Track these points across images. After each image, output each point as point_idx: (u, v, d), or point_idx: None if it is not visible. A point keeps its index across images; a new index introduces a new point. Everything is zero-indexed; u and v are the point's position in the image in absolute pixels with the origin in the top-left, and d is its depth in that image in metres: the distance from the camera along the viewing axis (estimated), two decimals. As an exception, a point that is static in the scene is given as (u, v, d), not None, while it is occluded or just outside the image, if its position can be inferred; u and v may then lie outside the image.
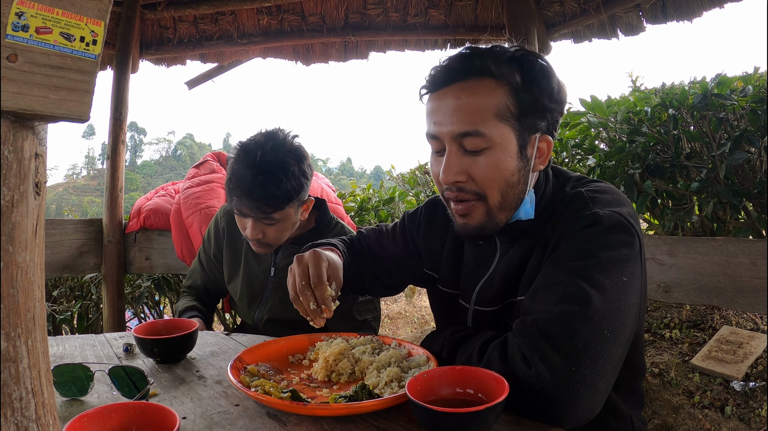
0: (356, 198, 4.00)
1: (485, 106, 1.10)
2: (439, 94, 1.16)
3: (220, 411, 1.07)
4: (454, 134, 1.12)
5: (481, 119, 1.10)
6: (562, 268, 1.06)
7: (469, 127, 1.10)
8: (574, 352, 0.96)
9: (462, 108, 1.11)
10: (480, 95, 1.11)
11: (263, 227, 1.86)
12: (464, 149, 1.13)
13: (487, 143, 1.11)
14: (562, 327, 0.98)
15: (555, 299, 1.02)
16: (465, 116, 1.11)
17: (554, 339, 0.97)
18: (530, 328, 1.01)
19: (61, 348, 1.51)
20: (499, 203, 1.15)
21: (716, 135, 2.54)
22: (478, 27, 3.52)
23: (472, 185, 1.14)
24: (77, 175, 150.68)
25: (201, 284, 2.26)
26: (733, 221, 2.82)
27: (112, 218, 3.35)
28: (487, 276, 1.27)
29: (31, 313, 0.61)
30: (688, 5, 2.90)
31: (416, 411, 0.93)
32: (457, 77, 1.13)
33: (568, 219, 1.12)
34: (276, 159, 1.77)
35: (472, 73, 1.12)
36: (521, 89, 1.12)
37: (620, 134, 2.91)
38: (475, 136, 1.10)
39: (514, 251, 1.22)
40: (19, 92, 0.58)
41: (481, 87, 1.11)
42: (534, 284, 1.10)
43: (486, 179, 1.13)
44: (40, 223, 0.64)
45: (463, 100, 1.11)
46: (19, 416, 0.59)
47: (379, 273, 1.53)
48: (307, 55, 3.85)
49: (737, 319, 3.59)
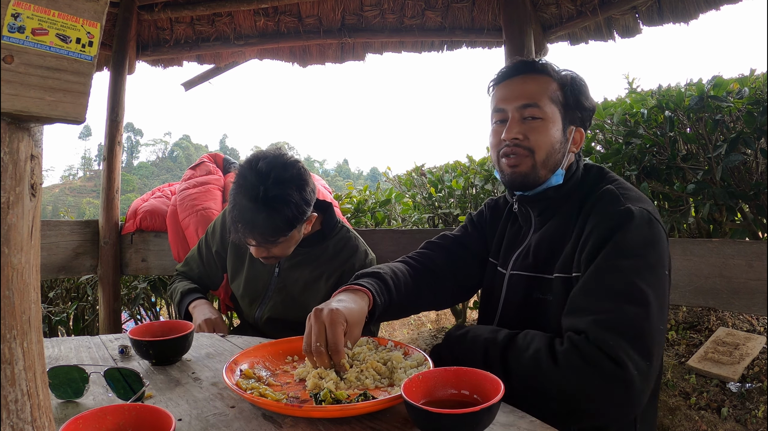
0: (353, 200, 4.00)
1: (543, 89, 1.45)
2: (508, 81, 1.50)
3: (216, 413, 1.07)
4: (518, 105, 1.44)
5: (539, 96, 1.44)
6: (615, 267, 1.22)
7: (530, 100, 1.43)
8: (647, 350, 1.14)
9: (527, 88, 1.45)
10: (539, 83, 1.46)
11: (267, 247, 1.88)
12: (524, 118, 1.44)
13: (542, 114, 1.43)
14: (635, 328, 1.15)
15: (619, 300, 1.18)
16: (528, 93, 1.44)
17: (631, 339, 1.13)
18: (606, 333, 1.14)
19: (57, 349, 1.51)
20: (543, 160, 1.43)
21: (712, 137, 2.55)
22: (474, 29, 3.52)
23: (527, 143, 1.43)
24: (74, 176, 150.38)
25: (196, 274, 2.28)
26: (729, 222, 2.83)
27: (108, 220, 3.35)
28: (523, 247, 1.52)
29: (26, 315, 0.61)
30: (684, 7, 2.91)
31: (411, 413, 0.93)
32: (523, 71, 1.49)
33: (602, 212, 1.32)
34: (279, 193, 1.77)
35: (534, 70, 1.48)
36: (568, 89, 1.47)
37: (616, 135, 2.92)
38: (533, 107, 1.43)
39: (546, 229, 1.47)
40: (14, 94, 0.58)
41: (540, 78, 1.47)
42: (586, 280, 1.25)
43: (537, 140, 1.42)
44: (35, 224, 0.64)
45: (528, 83, 1.46)
46: (14, 418, 0.59)
47: (460, 275, 1.68)
48: (303, 56, 3.85)
49: (733, 320, 3.60)
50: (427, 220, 4.18)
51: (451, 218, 3.98)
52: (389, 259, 2.85)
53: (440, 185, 4.19)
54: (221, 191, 3.04)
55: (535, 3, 3.28)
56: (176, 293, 2.19)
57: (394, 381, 1.15)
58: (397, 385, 1.11)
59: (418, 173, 4.70)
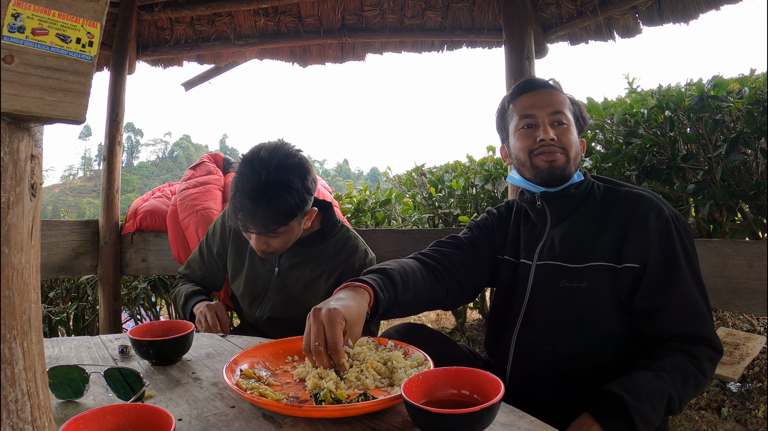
0: (353, 200, 4.00)
1: (564, 101, 1.68)
2: (533, 92, 1.69)
3: (216, 412, 1.07)
4: (550, 111, 1.64)
5: (563, 106, 1.66)
6: (687, 260, 1.48)
7: (558, 108, 1.65)
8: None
9: (553, 99, 1.67)
10: (560, 96, 1.69)
11: (267, 239, 1.87)
12: (553, 123, 1.63)
13: (566, 120, 1.64)
14: (709, 314, 1.48)
15: (699, 293, 1.47)
16: (555, 102, 1.66)
17: (712, 330, 1.47)
18: (702, 347, 1.42)
19: (57, 349, 1.51)
20: (573, 158, 1.63)
21: (712, 137, 2.54)
22: (474, 29, 3.52)
23: (560, 143, 1.62)
24: (74, 176, 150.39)
25: (198, 276, 2.27)
26: (729, 222, 2.83)
27: (108, 220, 3.35)
28: (544, 241, 1.66)
29: (26, 315, 0.61)
30: (684, 7, 2.91)
31: (412, 413, 0.93)
32: (545, 86, 1.72)
33: (651, 216, 1.51)
34: (280, 179, 1.77)
35: (552, 87, 1.72)
36: (575, 105, 1.72)
37: (617, 135, 2.92)
38: (561, 114, 1.64)
39: (567, 224, 1.64)
40: (15, 94, 0.58)
41: (559, 93, 1.70)
42: (668, 277, 1.47)
43: (568, 141, 1.63)
44: (36, 224, 0.64)
45: (553, 95, 1.68)
46: (14, 418, 0.59)
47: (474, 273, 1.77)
48: (303, 56, 3.84)
49: (733, 320, 3.60)
50: (427, 220, 4.18)
51: (451, 218, 3.98)
52: (389, 259, 2.85)
53: (440, 185, 4.19)
54: (221, 191, 3.04)
55: (535, 3, 3.28)
56: (180, 296, 2.18)
57: (394, 381, 1.14)
58: (397, 385, 1.11)
59: (418, 173, 4.70)
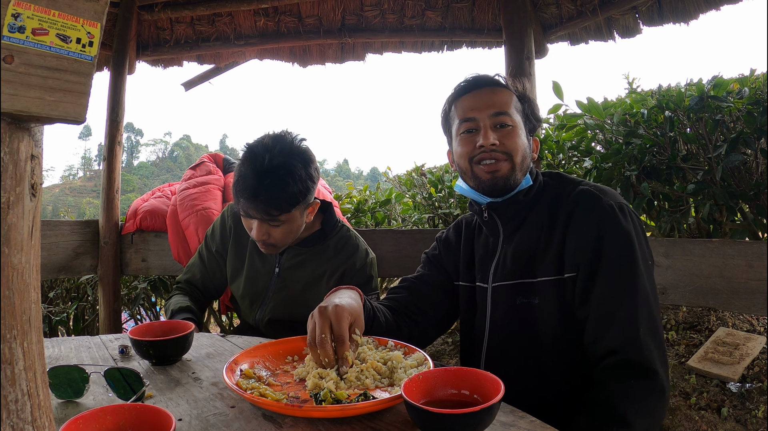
0: (353, 200, 4.00)
1: (509, 100, 1.53)
2: (475, 92, 1.54)
3: (216, 412, 1.07)
4: (491, 113, 1.49)
5: (508, 106, 1.51)
6: (621, 266, 1.33)
7: (501, 108, 1.50)
8: (664, 348, 1.32)
9: (495, 99, 1.52)
10: (504, 95, 1.53)
11: (269, 229, 1.86)
12: (495, 125, 1.49)
13: (511, 122, 1.50)
14: (654, 332, 1.31)
15: (632, 303, 1.30)
16: (498, 102, 1.51)
17: (658, 345, 1.30)
18: (638, 347, 1.27)
19: (57, 349, 1.51)
20: (518, 163, 1.49)
21: (712, 137, 2.54)
22: (474, 29, 3.52)
23: (503, 147, 1.48)
24: (74, 176, 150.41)
25: (200, 279, 2.23)
26: (729, 223, 2.82)
27: (108, 220, 3.35)
28: (497, 258, 1.55)
29: (26, 315, 0.61)
30: (684, 7, 2.91)
31: (412, 413, 0.93)
32: (488, 83, 1.56)
33: (588, 210, 1.39)
34: (283, 163, 1.78)
35: (496, 84, 1.56)
36: (524, 103, 1.57)
37: (617, 135, 2.91)
38: (504, 115, 1.49)
39: (519, 237, 1.52)
40: (15, 94, 0.58)
41: (504, 91, 1.55)
42: (596, 285, 1.34)
43: (512, 145, 1.49)
44: (36, 224, 0.64)
45: (496, 94, 1.53)
46: (14, 418, 0.59)
47: (431, 311, 1.68)
48: (303, 56, 3.85)
49: (733, 321, 3.60)
50: (427, 220, 4.17)
51: (451, 218, 3.98)
52: (389, 259, 2.86)
53: (440, 185, 4.19)
54: (221, 191, 3.04)
55: (535, 3, 3.28)
56: (168, 311, 2.11)
57: (394, 381, 1.15)
58: (397, 385, 1.11)
59: (418, 173, 4.69)
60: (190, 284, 2.25)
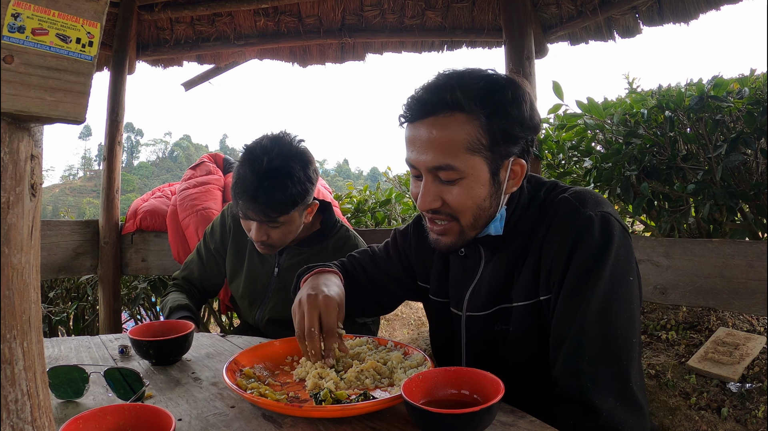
0: (353, 200, 4.00)
1: (456, 141, 1.13)
2: (416, 125, 1.19)
3: (216, 412, 1.07)
4: (428, 167, 1.17)
5: (453, 153, 1.14)
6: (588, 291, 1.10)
7: (442, 161, 1.14)
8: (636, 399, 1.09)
9: (435, 143, 1.14)
10: (451, 130, 1.13)
11: (267, 230, 1.86)
12: (439, 179, 1.18)
13: (460, 174, 1.15)
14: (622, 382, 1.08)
15: (598, 338, 1.08)
16: (438, 151, 1.14)
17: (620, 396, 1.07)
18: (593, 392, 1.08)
19: (57, 349, 1.51)
20: (471, 224, 1.21)
21: (712, 137, 2.54)
22: (474, 29, 3.52)
23: (447, 208, 1.20)
24: (74, 176, 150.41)
25: (198, 277, 2.23)
26: (729, 222, 2.83)
27: (108, 220, 3.35)
28: (475, 283, 1.32)
29: (26, 315, 0.61)
30: (684, 7, 2.91)
31: (411, 413, 0.93)
32: (430, 111, 1.16)
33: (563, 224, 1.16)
34: (282, 164, 1.78)
35: (443, 108, 1.14)
36: (493, 121, 1.14)
37: (617, 135, 2.91)
38: (447, 169, 1.15)
39: (498, 258, 1.27)
40: (15, 94, 0.58)
41: (452, 122, 1.14)
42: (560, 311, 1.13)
43: (459, 205, 1.18)
44: (36, 224, 0.64)
45: (436, 134, 1.14)
46: (14, 418, 0.59)
47: (375, 293, 1.58)
48: (303, 56, 3.85)
49: (733, 320, 3.60)
50: (427, 220, 4.17)
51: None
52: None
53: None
54: (221, 191, 3.04)
55: (535, 3, 3.28)
56: (165, 308, 2.09)
57: (394, 381, 1.15)
58: (397, 385, 1.11)
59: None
60: (187, 282, 2.25)
